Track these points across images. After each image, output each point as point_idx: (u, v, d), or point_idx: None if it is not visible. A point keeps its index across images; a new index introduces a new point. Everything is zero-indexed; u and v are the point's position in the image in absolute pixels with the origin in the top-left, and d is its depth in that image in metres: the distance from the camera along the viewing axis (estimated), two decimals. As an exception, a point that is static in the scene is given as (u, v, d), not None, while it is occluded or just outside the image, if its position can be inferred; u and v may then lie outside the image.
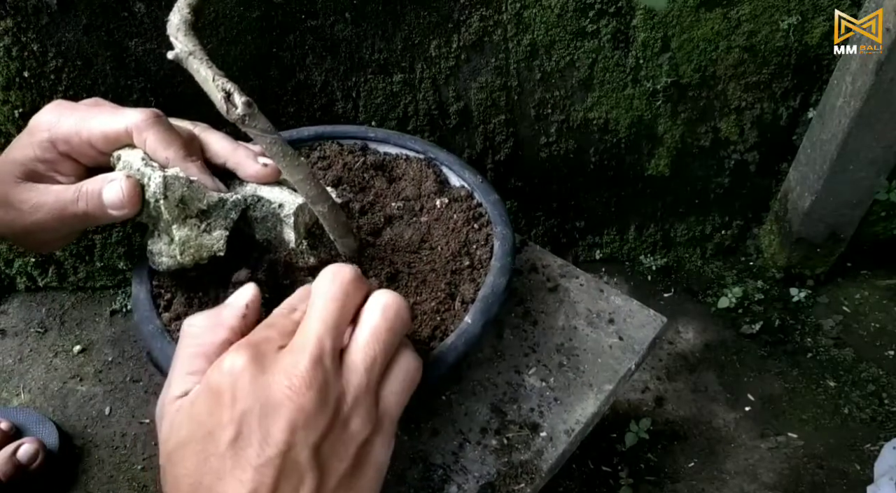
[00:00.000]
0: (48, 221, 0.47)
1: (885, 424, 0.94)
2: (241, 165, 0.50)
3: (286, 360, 0.34)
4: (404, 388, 0.37)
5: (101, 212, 0.46)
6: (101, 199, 0.46)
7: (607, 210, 1.07)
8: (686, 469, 0.91)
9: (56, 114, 0.47)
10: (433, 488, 0.48)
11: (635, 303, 0.61)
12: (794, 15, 0.85)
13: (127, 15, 0.70)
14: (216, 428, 0.32)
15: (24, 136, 0.48)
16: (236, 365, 0.33)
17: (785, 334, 1.05)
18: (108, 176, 0.46)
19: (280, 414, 0.32)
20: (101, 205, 0.46)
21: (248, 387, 0.32)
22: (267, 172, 0.49)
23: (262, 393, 0.32)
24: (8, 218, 0.47)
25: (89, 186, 0.46)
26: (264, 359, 0.34)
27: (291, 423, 0.32)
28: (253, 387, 0.32)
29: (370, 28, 0.78)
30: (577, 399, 0.53)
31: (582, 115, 0.92)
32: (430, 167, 0.58)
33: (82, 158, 0.48)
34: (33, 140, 0.47)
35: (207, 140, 0.51)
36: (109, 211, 0.46)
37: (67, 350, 0.79)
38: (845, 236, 1.04)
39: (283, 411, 0.32)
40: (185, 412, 0.34)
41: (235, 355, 0.34)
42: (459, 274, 0.50)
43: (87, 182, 0.47)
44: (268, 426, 0.32)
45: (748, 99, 0.94)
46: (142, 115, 0.46)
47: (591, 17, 0.82)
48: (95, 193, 0.46)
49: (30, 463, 0.68)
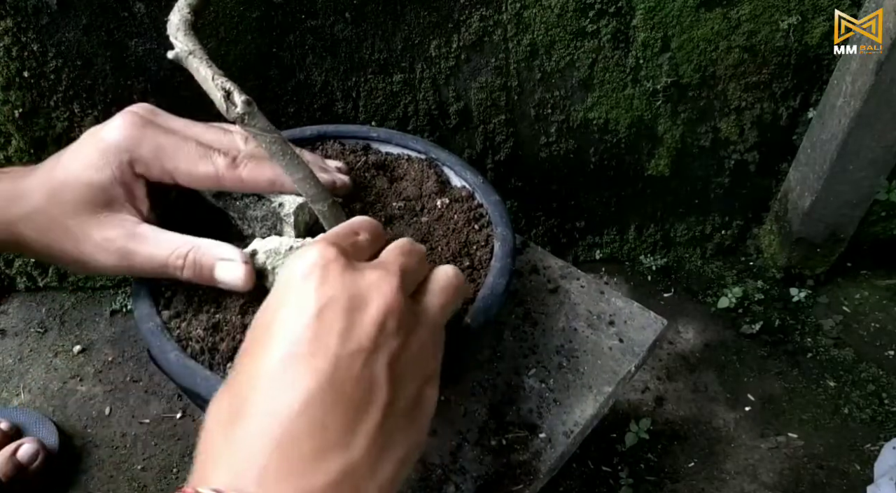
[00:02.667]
0: (119, 267, 0.44)
1: (885, 424, 0.94)
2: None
3: (375, 264, 0.33)
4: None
5: (205, 282, 0.44)
6: (213, 275, 0.44)
7: (607, 210, 1.07)
8: (686, 469, 0.91)
9: (134, 135, 0.44)
10: (431, 488, 0.48)
11: (636, 305, 0.61)
12: (794, 15, 0.85)
13: (127, 15, 0.70)
14: (299, 304, 0.30)
15: (91, 154, 0.44)
16: (328, 254, 0.32)
17: (785, 334, 1.05)
18: (219, 252, 0.44)
19: (369, 309, 0.30)
20: (210, 278, 0.44)
21: (339, 277, 0.31)
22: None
23: (353, 285, 0.31)
24: (63, 246, 0.43)
25: (200, 259, 0.44)
26: (351, 258, 0.33)
27: (380, 321, 0.30)
28: (343, 278, 0.31)
29: (370, 28, 0.78)
30: (576, 401, 0.53)
31: (582, 115, 0.92)
32: (431, 167, 0.58)
33: (157, 180, 0.46)
34: (110, 160, 0.43)
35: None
36: (221, 286, 0.45)
37: (67, 350, 0.79)
38: (845, 236, 1.04)
39: (373, 307, 0.30)
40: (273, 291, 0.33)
41: (326, 247, 0.32)
42: (459, 275, 0.50)
43: (195, 251, 0.44)
44: (353, 318, 0.30)
45: (748, 99, 0.94)
46: (225, 165, 0.45)
47: (591, 17, 0.82)
48: (207, 269, 0.44)
49: (30, 463, 0.68)
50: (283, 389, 0.28)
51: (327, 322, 0.30)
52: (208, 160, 0.45)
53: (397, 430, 0.31)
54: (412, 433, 0.32)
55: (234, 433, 0.28)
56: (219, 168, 0.45)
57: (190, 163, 0.45)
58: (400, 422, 0.31)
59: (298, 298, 0.31)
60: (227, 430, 0.29)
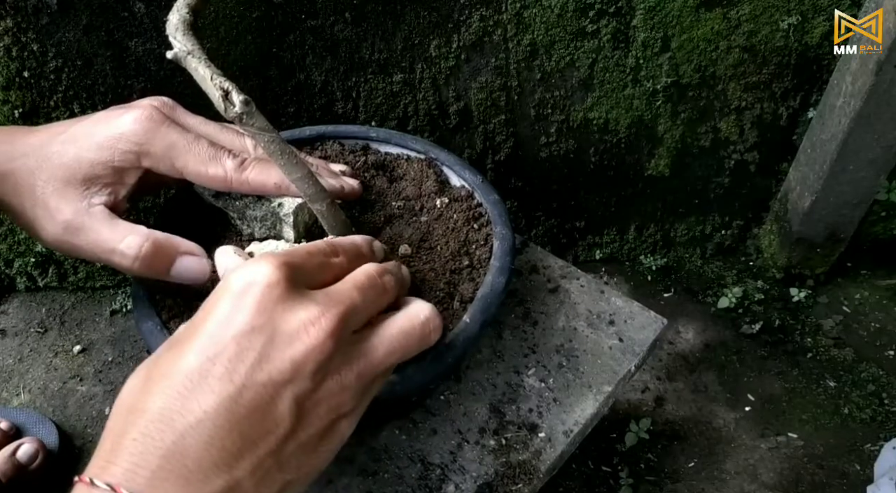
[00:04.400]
0: (60, 241, 0.44)
1: (885, 424, 0.94)
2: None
3: (319, 298, 0.32)
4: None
5: (158, 275, 0.44)
6: (170, 269, 0.44)
7: (607, 210, 1.07)
8: (686, 469, 0.91)
9: (149, 129, 0.44)
10: (431, 487, 0.48)
11: (636, 304, 0.61)
12: (794, 15, 0.85)
13: (127, 15, 0.70)
14: (227, 320, 0.30)
15: (99, 135, 0.44)
16: (272, 277, 0.31)
17: (785, 334, 1.05)
18: (179, 244, 0.44)
19: (290, 349, 0.30)
20: (165, 272, 0.44)
21: (273, 305, 0.30)
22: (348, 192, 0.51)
23: (283, 319, 0.30)
24: (23, 202, 0.43)
25: (158, 250, 0.43)
26: (296, 285, 0.32)
27: (297, 362, 0.30)
28: (276, 308, 0.30)
29: (370, 28, 0.78)
30: (576, 400, 0.53)
31: (582, 115, 0.92)
32: (430, 167, 0.58)
33: (164, 174, 0.46)
34: (116, 147, 0.44)
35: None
36: (175, 280, 0.44)
37: (67, 350, 0.79)
38: (845, 236, 1.04)
39: (296, 348, 0.30)
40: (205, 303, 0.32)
41: (274, 268, 0.31)
42: (458, 274, 0.50)
43: (152, 242, 0.43)
44: (272, 352, 0.30)
45: (748, 99, 0.94)
46: (233, 167, 0.45)
47: (591, 17, 0.82)
48: (165, 262, 0.44)
49: (29, 463, 0.68)
50: (186, 398, 0.29)
51: (245, 348, 0.30)
52: (218, 162, 0.46)
53: (293, 457, 0.31)
54: (311, 460, 0.32)
55: (135, 425, 0.29)
56: (227, 170, 0.46)
57: (200, 163, 0.45)
58: (298, 451, 0.31)
59: (229, 313, 0.30)
60: (129, 418, 0.29)
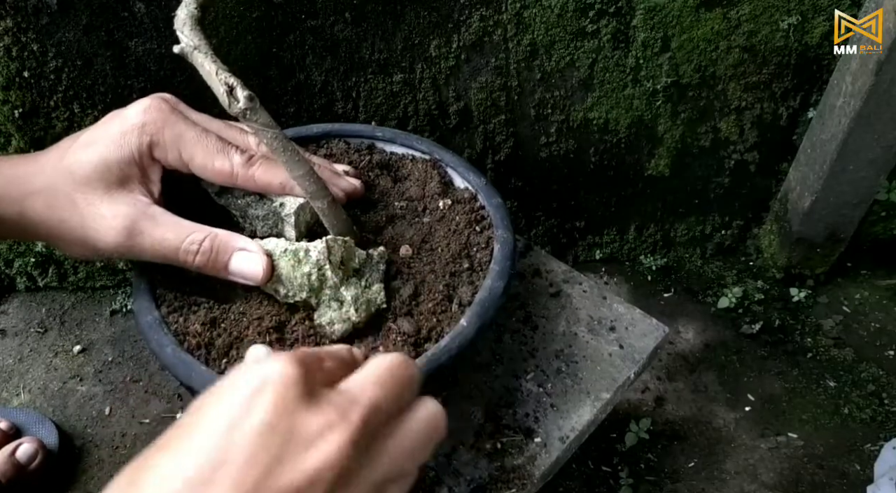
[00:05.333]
0: (122, 246, 0.42)
1: (885, 424, 0.94)
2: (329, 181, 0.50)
3: (338, 400, 0.28)
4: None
5: (216, 272, 0.44)
6: (228, 265, 0.43)
7: (607, 210, 1.07)
8: (686, 469, 0.91)
9: (158, 118, 0.44)
10: (424, 490, 0.48)
11: (637, 311, 0.60)
12: (794, 15, 0.85)
13: (127, 15, 0.70)
14: (240, 420, 0.26)
15: (112, 132, 0.43)
16: (290, 374, 0.27)
17: (785, 334, 1.05)
18: (237, 242, 0.44)
19: (307, 459, 0.26)
20: (224, 269, 0.43)
21: (291, 407, 0.26)
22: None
23: (302, 424, 0.26)
24: (69, 223, 0.42)
25: (217, 246, 0.43)
26: (315, 383, 0.28)
27: (311, 476, 0.25)
28: (296, 411, 0.26)
29: (370, 28, 0.78)
30: (573, 406, 0.53)
31: (582, 115, 0.92)
32: (435, 168, 0.58)
33: (171, 167, 0.46)
34: (131, 139, 0.43)
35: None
36: (235, 278, 0.44)
37: (67, 350, 0.79)
38: (845, 236, 1.04)
39: (313, 458, 0.26)
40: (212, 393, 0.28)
41: (291, 365, 0.28)
42: (458, 276, 0.50)
43: (212, 239, 0.43)
44: (286, 457, 0.25)
45: (748, 99, 0.94)
46: (241, 162, 0.45)
47: (591, 17, 0.82)
48: (223, 258, 0.43)
49: (29, 463, 0.68)
50: None
51: (258, 451, 0.25)
52: (225, 156, 0.45)
53: None
54: None
55: None
56: (234, 165, 0.46)
57: (207, 156, 0.45)
58: None
59: (242, 412, 0.26)
60: None
